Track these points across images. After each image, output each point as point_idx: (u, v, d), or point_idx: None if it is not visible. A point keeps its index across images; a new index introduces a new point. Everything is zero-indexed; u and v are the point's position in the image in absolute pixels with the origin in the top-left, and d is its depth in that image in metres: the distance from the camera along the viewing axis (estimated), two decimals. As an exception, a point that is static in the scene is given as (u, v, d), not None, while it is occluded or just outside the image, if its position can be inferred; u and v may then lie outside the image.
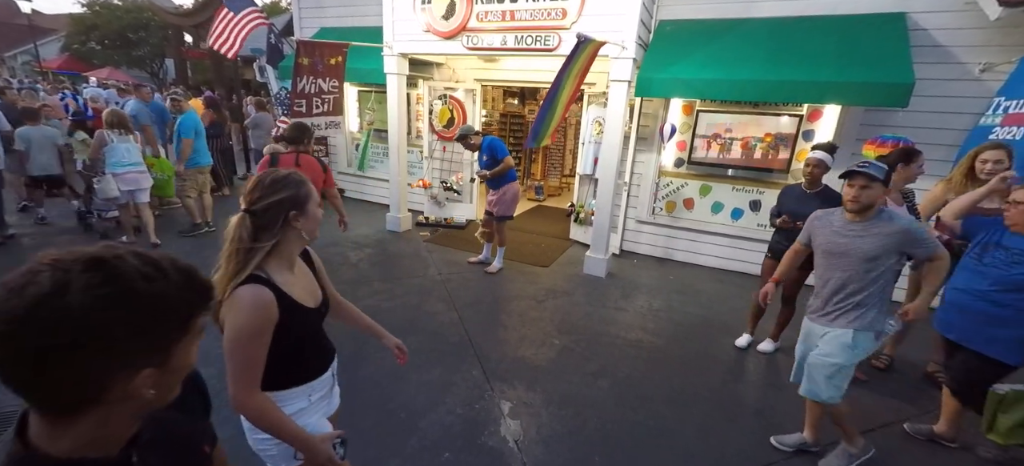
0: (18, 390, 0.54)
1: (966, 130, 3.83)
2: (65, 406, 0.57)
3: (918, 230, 1.99)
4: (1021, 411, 2.02)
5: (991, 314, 2.13)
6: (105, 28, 20.29)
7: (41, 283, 0.51)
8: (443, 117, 5.76)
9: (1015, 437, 2.06)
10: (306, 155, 3.36)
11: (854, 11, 3.98)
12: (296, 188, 1.22)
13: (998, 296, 2.11)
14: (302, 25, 6.77)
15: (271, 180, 1.20)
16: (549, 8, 4.16)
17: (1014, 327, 2.08)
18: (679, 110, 4.81)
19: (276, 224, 1.18)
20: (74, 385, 0.55)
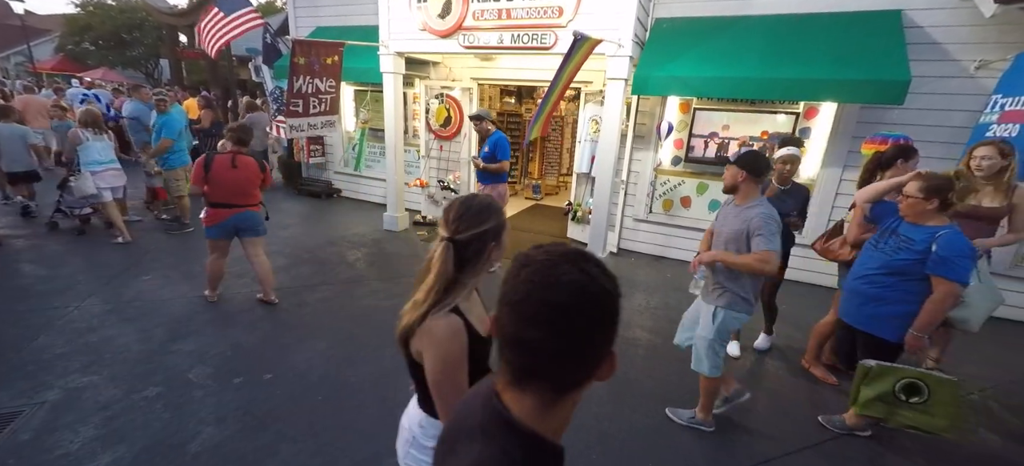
0: (551, 367, 0.61)
1: (962, 127, 3.85)
2: (570, 385, 0.63)
3: (762, 223, 2.03)
4: (882, 386, 2.14)
5: (871, 294, 2.23)
6: (99, 29, 20.13)
7: (571, 274, 0.58)
8: (440, 116, 5.74)
9: (871, 409, 2.20)
10: (243, 156, 3.35)
11: (850, 8, 3.99)
12: (499, 217, 1.14)
13: (879, 278, 2.21)
14: (298, 24, 6.74)
15: (479, 208, 1.12)
16: (545, 6, 4.15)
17: (893, 305, 2.16)
18: (676, 108, 4.82)
19: (481, 256, 1.11)
20: (592, 361, 0.62)
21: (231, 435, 2.31)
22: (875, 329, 2.24)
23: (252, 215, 3.46)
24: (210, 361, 2.89)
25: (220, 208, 3.32)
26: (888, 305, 2.18)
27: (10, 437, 2.21)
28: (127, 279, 3.97)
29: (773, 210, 2.10)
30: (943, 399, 2.07)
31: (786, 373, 3.12)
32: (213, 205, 3.32)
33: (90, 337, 3.07)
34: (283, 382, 2.74)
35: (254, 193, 3.45)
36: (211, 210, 3.33)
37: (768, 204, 2.14)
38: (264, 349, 3.06)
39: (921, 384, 2.08)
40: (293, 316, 3.52)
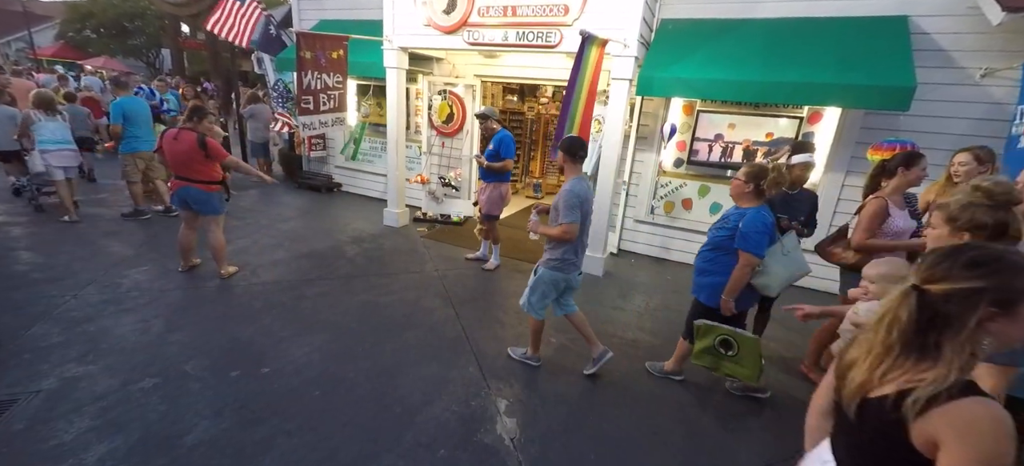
0: None
1: (966, 135, 3.82)
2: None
3: (563, 199, 2.50)
4: (706, 341, 2.57)
5: (699, 267, 2.64)
6: (101, 16, 20.05)
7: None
8: (442, 113, 5.71)
9: (701, 359, 2.63)
10: (185, 131, 3.55)
11: (856, 13, 3.98)
12: (1009, 276, 0.83)
13: (705, 253, 2.60)
14: (302, 17, 6.70)
15: (971, 258, 0.85)
16: (551, 4, 4.13)
17: (712, 276, 2.55)
18: (680, 110, 4.80)
19: (964, 322, 0.83)
20: None
21: (228, 428, 2.29)
22: (700, 296, 2.65)
23: (196, 192, 3.65)
24: (207, 353, 2.88)
25: (176, 179, 3.68)
26: (709, 276, 2.57)
27: (4, 426, 2.20)
28: (125, 269, 3.95)
29: (577, 187, 2.52)
30: (748, 352, 2.48)
31: (785, 377, 3.11)
32: (174, 176, 3.71)
33: (87, 326, 3.05)
34: (280, 376, 2.72)
35: (197, 169, 3.60)
36: (172, 180, 3.75)
37: (577, 182, 2.55)
38: (262, 342, 3.05)
39: (732, 340, 2.51)
40: (291, 310, 3.50)
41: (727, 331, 2.51)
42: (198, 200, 3.67)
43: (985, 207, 1.40)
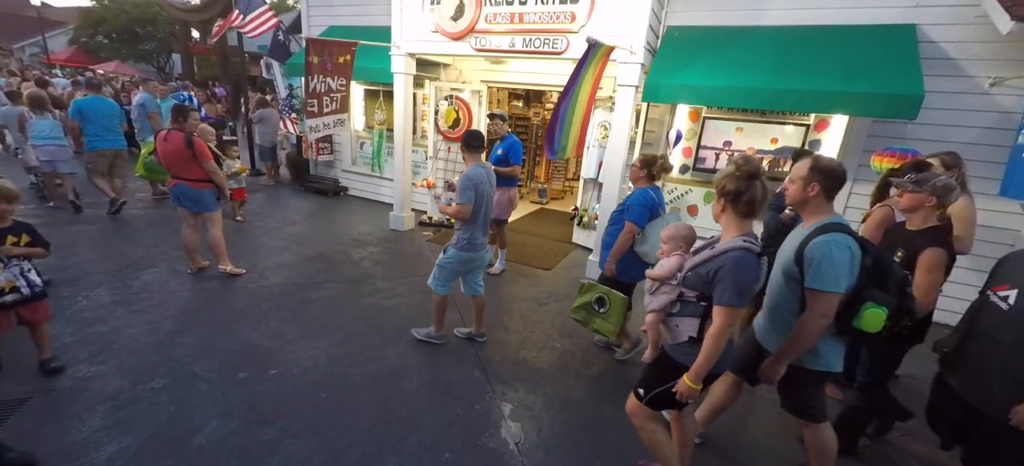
0: None
1: (974, 144, 3.82)
2: None
3: (461, 180, 2.78)
4: (586, 297, 2.90)
5: (604, 242, 3.06)
6: (113, 22, 20.39)
7: None
8: (449, 118, 5.76)
9: (577, 313, 2.94)
10: (174, 132, 3.68)
11: (863, 22, 3.98)
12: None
13: (608, 228, 3.01)
14: (311, 22, 6.79)
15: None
16: (558, 11, 4.17)
17: (608, 247, 2.96)
18: (685, 116, 4.81)
19: None
20: None
21: (235, 429, 2.31)
22: (601, 264, 3.06)
23: (189, 190, 3.78)
24: (216, 355, 2.91)
25: (170, 178, 3.82)
26: (607, 249, 2.97)
27: (17, 424, 2.23)
28: (136, 270, 4.00)
29: (473, 172, 2.79)
30: (615, 310, 2.80)
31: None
32: (169, 175, 3.83)
33: (99, 327, 3.09)
34: (287, 378, 2.74)
35: (188, 168, 3.72)
36: (169, 179, 3.87)
37: (474, 169, 2.82)
38: (269, 344, 3.07)
39: (606, 298, 2.82)
40: (298, 312, 3.53)
41: (603, 290, 2.83)
42: (190, 197, 3.78)
43: (733, 177, 1.62)
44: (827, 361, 1.83)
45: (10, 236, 2.34)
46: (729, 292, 1.55)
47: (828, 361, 1.83)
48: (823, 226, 1.72)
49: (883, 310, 1.66)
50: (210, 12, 14.58)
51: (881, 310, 1.67)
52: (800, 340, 1.76)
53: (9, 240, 2.33)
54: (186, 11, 15.77)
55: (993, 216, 3.81)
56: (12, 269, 2.33)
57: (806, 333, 1.73)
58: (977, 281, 2.02)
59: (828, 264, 1.64)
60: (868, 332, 1.70)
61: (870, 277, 1.70)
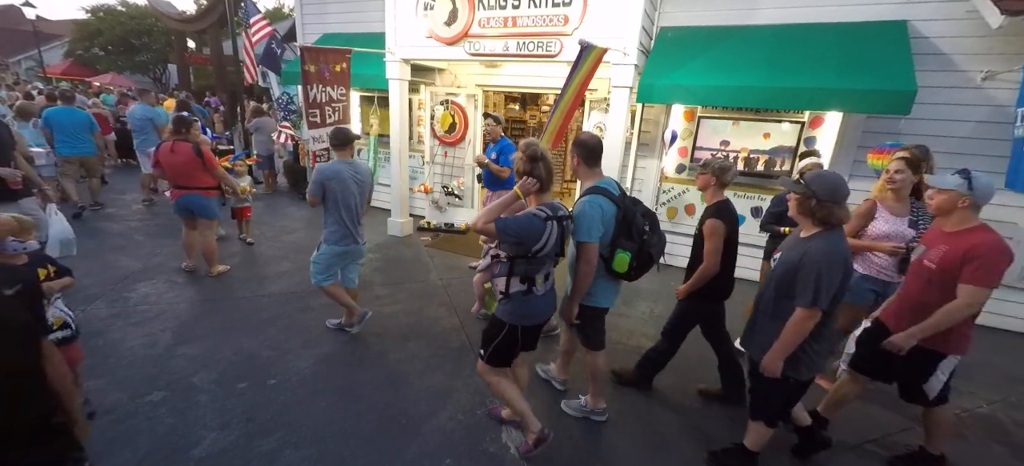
0: None
1: (968, 138, 3.85)
2: None
3: (312, 176, 2.95)
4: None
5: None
6: (109, 34, 20.42)
7: None
8: (445, 122, 5.77)
9: (489, 306, 3.10)
10: (180, 143, 3.84)
11: (855, 19, 4.00)
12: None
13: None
14: (305, 31, 6.81)
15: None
16: (551, 14, 4.18)
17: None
18: (681, 116, 4.82)
19: None
20: None
21: (235, 441, 2.30)
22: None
23: (198, 198, 3.95)
24: (214, 366, 2.90)
25: (175, 188, 3.95)
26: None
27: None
28: (133, 282, 3.99)
29: (324, 168, 2.89)
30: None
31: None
32: (173, 186, 3.97)
33: (96, 340, 3.08)
34: (286, 387, 2.73)
35: (197, 177, 3.90)
36: (171, 190, 4.01)
37: (332, 164, 2.96)
38: (268, 353, 3.06)
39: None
40: (297, 321, 3.52)
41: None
42: (200, 205, 3.97)
43: (521, 159, 2.00)
44: (598, 299, 2.29)
45: (39, 268, 2.16)
46: (508, 243, 1.95)
47: (598, 299, 2.29)
48: (587, 189, 2.19)
49: (628, 254, 2.12)
50: (205, 22, 14.62)
51: (627, 254, 2.12)
52: (577, 284, 2.18)
53: (41, 273, 2.15)
54: (182, 22, 15.80)
55: (992, 210, 3.81)
56: (56, 305, 2.21)
57: (579, 278, 2.15)
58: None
59: (583, 219, 2.07)
60: (621, 271, 2.15)
61: (620, 229, 2.13)
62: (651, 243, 2.17)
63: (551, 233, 1.93)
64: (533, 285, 2.01)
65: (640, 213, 2.21)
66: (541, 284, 2.03)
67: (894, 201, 2.61)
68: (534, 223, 1.91)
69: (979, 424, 2.80)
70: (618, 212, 2.12)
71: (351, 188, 2.97)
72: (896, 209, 2.60)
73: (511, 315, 2.06)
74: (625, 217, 2.13)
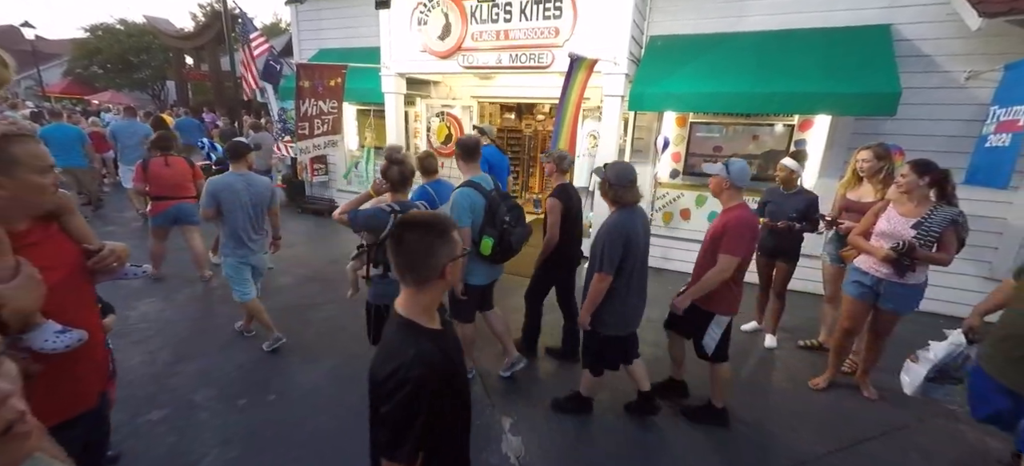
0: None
1: (955, 136, 3.91)
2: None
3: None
4: None
5: None
6: (107, 52, 20.55)
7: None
8: (441, 134, 5.84)
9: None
10: (173, 157, 4.20)
11: (839, 24, 4.08)
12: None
13: None
14: (302, 46, 6.90)
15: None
16: (542, 27, 4.26)
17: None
18: (673, 122, 4.89)
19: None
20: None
21: (236, 458, 2.32)
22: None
23: (189, 206, 4.21)
24: (215, 383, 2.92)
25: (161, 201, 4.17)
26: None
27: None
28: (133, 300, 4.02)
29: (215, 179, 3.02)
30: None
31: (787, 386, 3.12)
32: (156, 199, 4.18)
33: (97, 360, 3.10)
34: (287, 403, 2.76)
35: (188, 187, 4.23)
36: (154, 203, 4.21)
37: (223, 176, 3.05)
38: (268, 370, 3.09)
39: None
40: (297, 336, 3.55)
41: None
42: (190, 212, 4.24)
43: (387, 162, 2.32)
44: (473, 278, 2.65)
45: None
46: (364, 232, 2.33)
47: (473, 278, 2.66)
48: (463, 183, 2.59)
49: (491, 240, 2.50)
50: (203, 38, 14.76)
51: (490, 240, 2.50)
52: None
53: None
54: (180, 38, 15.96)
55: (983, 206, 3.88)
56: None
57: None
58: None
59: (455, 208, 2.49)
60: (486, 254, 2.51)
61: (487, 218, 2.51)
62: (512, 232, 2.56)
63: (390, 222, 2.25)
64: (388, 270, 2.31)
65: (506, 207, 2.60)
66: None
67: (907, 203, 2.58)
68: (380, 215, 2.24)
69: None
70: (486, 203, 2.52)
71: (243, 199, 3.02)
72: (908, 210, 2.57)
73: (373, 296, 2.43)
74: (491, 208, 2.52)
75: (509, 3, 4.32)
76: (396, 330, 1.11)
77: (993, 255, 4.00)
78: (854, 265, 2.85)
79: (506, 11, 4.37)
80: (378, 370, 1.08)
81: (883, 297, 2.68)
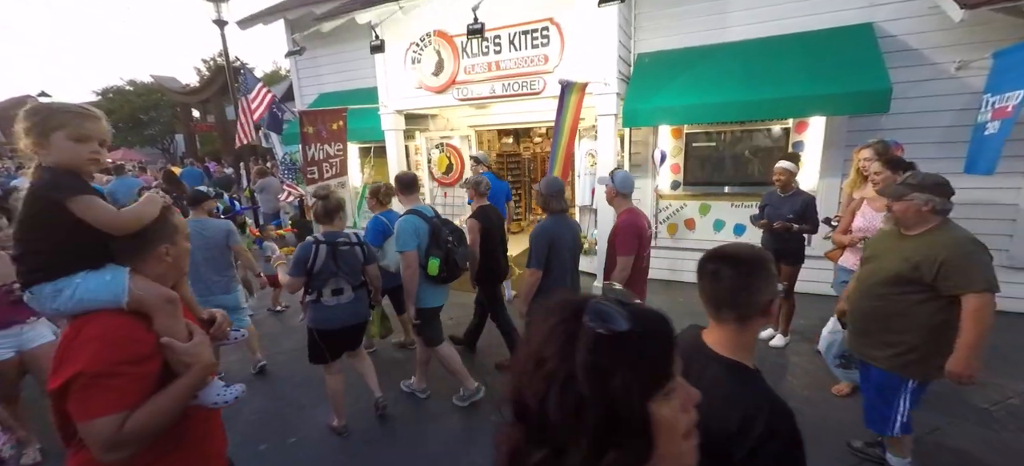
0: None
1: (952, 126, 3.91)
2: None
3: None
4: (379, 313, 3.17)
5: None
6: (119, 112, 21.38)
7: None
8: (441, 165, 5.96)
9: (375, 326, 3.14)
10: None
11: (821, 26, 4.16)
12: None
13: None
14: (302, 92, 7.14)
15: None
16: (532, 56, 4.40)
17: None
18: (669, 135, 4.96)
19: None
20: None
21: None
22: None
23: None
24: (236, 428, 2.94)
25: None
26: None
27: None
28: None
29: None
30: (375, 317, 3.08)
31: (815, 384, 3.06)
32: None
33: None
34: (308, 444, 2.77)
35: None
36: None
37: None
38: (286, 412, 3.11)
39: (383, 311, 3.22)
40: (313, 375, 3.55)
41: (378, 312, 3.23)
42: None
43: (314, 198, 2.67)
44: (426, 301, 2.83)
45: None
46: (290, 266, 2.58)
47: (426, 301, 2.83)
48: (406, 211, 2.85)
49: (437, 260, 2.73)
50: (208, 92, 15.33)
51: (436, 260, 2.73)
52: (406, 287, 2.76)
53: None
54: (186, 94, 16.59)
55: (992, 193, 3.86)
56: None
57: (405, 281, 2.75)
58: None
59: (400, 234, 2.71)
60: (433, 274, 2.73)
61: (432, 241, 2.75)
62: (455, 251, 2.81)
63: (318, 254, 2.48)
64: (321, 296, 2.53)
65: (448, 230, 2.86)
66: (329, 296, 2.54)
67: (880, 199, 2.67)
68: (306, 246, 2.50)
69: (1011, 417, 2.74)
70: (429, 228, 2.77)
71: (201, 243, 3.03)
72: (881, 205, 2.65)
73: (310, 321, 2.59)
74: (434, 231, 2.78)
75: (498, 36, 4.48)
76: (726, 373, 0.99)
77: (1009, 243, 3.94)
78: (841, 264, 2.87)
79: (495, 44, 4.53)
80: (722, 420, 0.92)
81: None
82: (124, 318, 1.01)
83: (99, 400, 0.93)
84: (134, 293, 1.01)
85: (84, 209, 0.97)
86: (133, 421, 0.95)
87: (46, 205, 0.97)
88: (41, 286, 0.98)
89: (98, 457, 0.95)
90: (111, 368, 0.94)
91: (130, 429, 0.94)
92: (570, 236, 2.72)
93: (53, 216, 0.96)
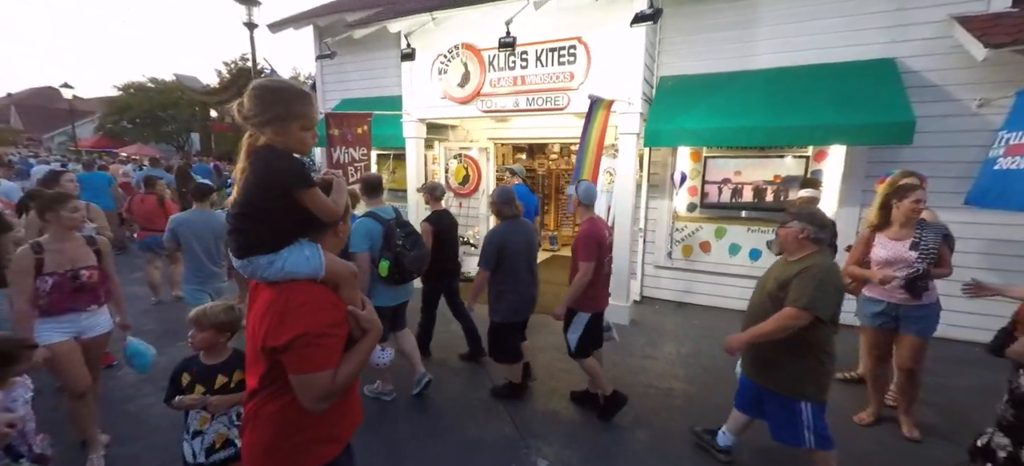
0: None
1: (974, 162, 3.91)
2: None
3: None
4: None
5: None
6: (137, 108, 21.82)
7: None
8: (459, 175, 6.01)
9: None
10: (148, 195, 5.12)
11: (846, 59, 4.23)
12: None
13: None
14: (326, 96, 7.27)
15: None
16: (558, 72, 4.48)
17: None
18: (687, 157, 4.99)
19: None
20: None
21: None
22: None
23: (158, 237, 4.68)
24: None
25: (143, 230, 5.08)
26: None
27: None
28: (161, 348, 4.05)
29: (176, 217, 3.30)
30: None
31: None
32: (140, 228, 5.13)
33: (127, 406, 3.11)
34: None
35: (158, 222, 4.80)
36: (139, 232, 5.13)
37: (179, 216, 3.32)
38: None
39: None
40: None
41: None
42: (159, 242, 4.68)
43: None
44: (378, 300, 2.78)
45: (221, 374, 1.85)
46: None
47: (379, 300, 2.79)
48: (364, 213, 2.92)
49: (387, 262, 2.79)
50: (228, 94, 15.63)
51: (386, 262, 2.79)
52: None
53: (219, 380, 1.84)
54: (206, 94, 16.91)
55: (1008, 230, 3.84)
56: (222, 418, 1.85)
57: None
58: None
59: (352, 235, 2.72)
60: (383, 275, 2.78)
61: (384, 242, 2.81)
62: (405, 255, 2.83)
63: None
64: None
65: (403, 233, 2.90)
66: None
67: (895, 227, 2.65)
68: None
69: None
70: (383, 230, 2.82)
71: (199, 234, 3.24)
72: (897, 233, 2.64)
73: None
74: (387, 234, 2.83)
75: (525, 51, 4.58)
76: None
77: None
78: (865, 295, 2.80)
79: (522, 58, 4.62)
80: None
81: (904, 322, 2.64)
82: (321, 288, 1.13)
83: (319, 357, 1.07)
84: (329, 267, 1.14)
85: (312, 198, 1.08)
86: (340, 375, 1.11)
87: (284, 191, 1.06)
88: (258, 257, 1.08)
89: (311, 406, 1.08)
90: (325, 330, 1.08)
91: (339, 382, 1.10)
92: (522, 239, 2.97)
93: (289, 201, 1.07)
